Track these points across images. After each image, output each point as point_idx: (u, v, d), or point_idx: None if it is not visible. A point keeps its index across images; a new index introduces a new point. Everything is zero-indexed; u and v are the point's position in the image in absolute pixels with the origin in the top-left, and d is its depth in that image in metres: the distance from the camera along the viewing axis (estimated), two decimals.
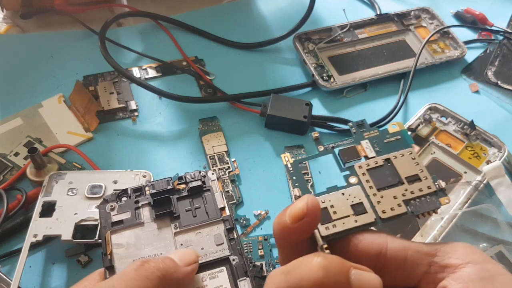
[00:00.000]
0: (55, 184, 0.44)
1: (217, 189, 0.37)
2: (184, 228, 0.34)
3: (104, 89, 0.56)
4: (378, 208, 0.27)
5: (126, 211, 0.35)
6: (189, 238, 0.34)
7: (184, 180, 0.36)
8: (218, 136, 0.53)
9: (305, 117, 0.52)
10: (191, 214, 0.35)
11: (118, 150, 0.52)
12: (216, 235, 0.34)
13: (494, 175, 0.48)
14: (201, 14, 0.67)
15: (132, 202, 0.35)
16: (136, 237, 0.33)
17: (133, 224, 0.34)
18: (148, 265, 0.28)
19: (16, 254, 0.42)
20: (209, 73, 0.60)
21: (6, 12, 0.65)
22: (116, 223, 0.34)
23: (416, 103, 0.57)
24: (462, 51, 0.62)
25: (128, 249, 0.33)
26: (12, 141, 0.51)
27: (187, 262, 0.30)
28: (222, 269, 0.32)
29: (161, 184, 0.36)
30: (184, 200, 0.36)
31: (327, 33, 0.63)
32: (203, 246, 0.33)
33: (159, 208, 0.35)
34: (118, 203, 0.35)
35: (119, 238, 0.33)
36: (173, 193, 0.36)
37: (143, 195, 0.35)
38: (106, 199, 0.35)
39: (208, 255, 0.33)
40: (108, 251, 0.32)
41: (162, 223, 0.34)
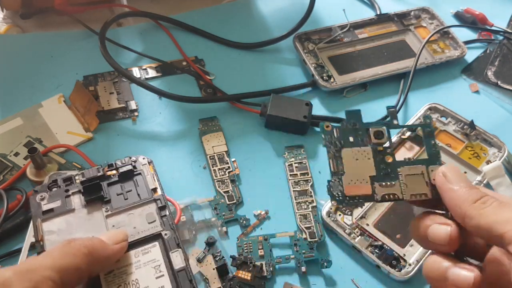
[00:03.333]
0: None
1: (149, 171, 0.39)
2: (115, 210, 0.36)
3: (104, 89, 0.56)
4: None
5: (56, 199, 0.37)
6: (121, 220, 0.36)
7: (115, 166, 0.39)
8: (218, 136, 0.53)
9: (305, 117, 0.52)
10: (123, 197, 0.37)
11: (118, 150, 0.52)
12: (148, 214, 0.36)
13: (494, 175, 0.48)
14: (201, 14, 0.67)
15: (62, 191, 0.37)
16: (67, 223, 0.35)
17: (63, 211, 0.36)
18: (74, 243, 0.30)
19: (16, 254, 0.42)
20: (209, 73, 0.60)
21: (6, 12, 0.65)
22: (47, 211, 0.36)
23: (416, 103, 0.57)
24: (462, 51, 0.62)
25: (59, 235, 0.35)
26: (12, 141, 0.51)
27: (116, 241, 0.33)
28: (155, 244, 0.35)
29: (91, 172, 0.38)
30: (115, 185, 0.38)
31: (327, 33, 0.63)
32: (135, 225, 0.35)
33: (89, 194, 0.37)
34: (49, 193, 0.37)
35: (50, 225, 0.35)
36: (104, 179, 0.38)
37: (72, 184, 0.37)
38: (36, 190, 0.37)
39: (140, 233, 0.35)
40: (39, 237, 0.34)
41: (93, 208, 0.36)
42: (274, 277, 0.43)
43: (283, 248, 0.45)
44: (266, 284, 0.42)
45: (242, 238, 0.45)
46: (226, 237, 0.46)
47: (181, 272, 0.34)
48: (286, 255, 0.44)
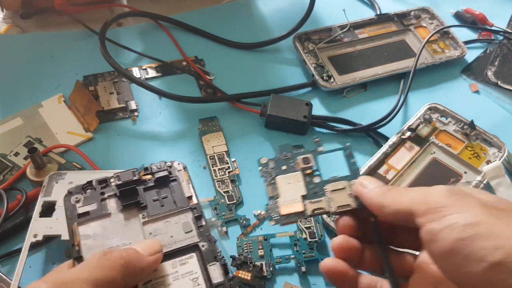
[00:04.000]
0: (55, 184, 0.44)
1: (184, 178, 0.37)
2: (152, 217, 0.35)
3: (104, 89, 0.56)
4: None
5: (91, 202, 0.35)
6: (157, 227, 0.34)
7: (150, 170, 0.37)
8: (218, 136, 0.53)
9: (305, 117, 0.52)
10: (159, 204, 0.36)
11: (118, 150, 0.52)
12: (184, 223, 0.35)
13: (494, 175, 0.48)
14: (201, 14, 0.67)
15: (98, 194, 0.35)
16: (103, 227, 0.34)
17: (99, 215, 0.34)
18: (110, 254, 0.29)
19: (16, 254, 0.42)
20: (209, 73, 0.60)
21: (6, 12, 0.65)
22: (82, 214, 0.34)
23: (416, 103, 0.57)
24: (462, 51, 0.62)
25: (95, 240, 0.33)
26: (12, 141, 0.51)
27: (151, 252, 0.31)
28: (192, 255, 0.33)
29: (126, 175, 0.36)
30: (150, 190, 0.36)
31: (327, 33, 0.63)
32: (172, 234, 0.34)
33: (125, 199, 0.35)
34: (84, 195, 0.35)
35: (86, 229, 0.34)
36: (139, 184, 0.36)
37: (108, 187, 0.36)
38: (71, 191, 0.35)
39: (177, 242, 0.34)
40: (75, 242, 0.33)
41: (129, 213, 0.35)
42: (274, 277, 0.43)
43: (283, 248, 0.45)
44: (266, 284, 0.42)
45: (242, 238, 0.45)
46: (226, 237, 0.46)
47: (220, 287, 0.32)
48: (286, 255, 0.44)
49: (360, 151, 0.53)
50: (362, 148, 0.53)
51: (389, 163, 0.50)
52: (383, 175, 0.49)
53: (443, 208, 0.28)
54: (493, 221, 0.26)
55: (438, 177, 0.49)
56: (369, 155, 0.51)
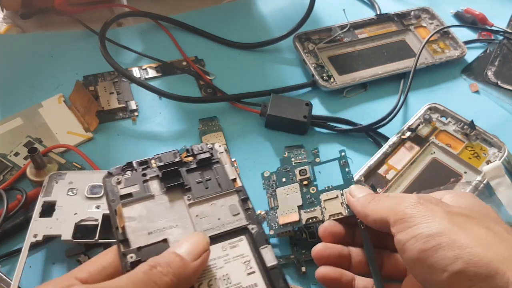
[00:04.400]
0: (55, 184, 0.44)
1: (227, 160, 0.36)
2: (198, 199, 0.33)
3: (104, 89, 0.56)
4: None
5: (133, 184, 0.33)
6: (204, 210, 0.33)
7: (192, 152, 0.36)
8: (218, 136, 0.53)
9: (305, 117, 0.52)
10: (203, 186, 0.34)
11: (118, 150, 0.52)
12: (231, 205, 0.33)
13: (494, 175, 0.48)
14: (201, 14, 0.67)
15: (139, 175, 0.34)
16: (147, 209, 0.32)
17: (143, 196, 0.33)
18: (156, 270, 0.27)
19: (16, 254, 0.42)
20: (209, 73, 0.60)
21: (6, 12, 0.65)
22: (125, 196, 0.33)
23: (416, 103, 0.57)
24: (462, 51, 0.62)
25: (140, 222, 0.32)
26: (12, 141, 0.51)
27: (196, 255, 0.29)
28: (242, 238, 0.32)
29: (167, 156, 0.35)
30: (193, 172, 0.35)
31: (327, 33, 0.63)
32: (220, 216, 0.33)
33: (169, 181, 0.34)
34: (124, 176, 0.34)
35: (130, 211, 0.32)
36: (181, 166, 0.35)
37: (149, 168, 0.34)
38: (111, 173, 0.34)
39: (225, 225, 0.32)
40: (120, 224, 0.31)
41: (173, 195, 0.33)
42: None
43: (283, 248, 0.45)
44: None
45: None
46: None
47: (274, 270, 0.31)
48: (286, 255, 0.44)
49: (360, 151, 0.53)
50: (362, 148, 0.53)
51: (389, 163, 0.50)
52: (383, 175, 0.49)
53: (410, 219, 0.29)
54: (455, 231, 0.28)
55: (438, 177, 0.49)
56: (369, 155, 0.51)
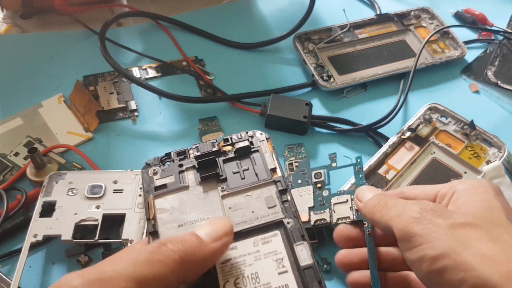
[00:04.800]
0: (55, 184, 0.44)
1: (267, 149, 0.34)
2: (232, 190, 0.32)
3: (104, 89, 0.56)
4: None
5: (169, 175, 0.33)
6: (237, 201, 0.32)
7: (230, 141, 0.34)
8: (218, 136, 0.53)
9: (305, 117, 0.52)
10: (239, 176, 0.33)
11: (118, 150, 0.52)
12: (267, 197, 0.32)
13: (494, 175, 0.48)
14: (201, 14, 0.67)
15: (176, 166, 0.33)
16: (180, 201, 0.32)
17: (177, 188, 0.32)
18: (165, 247, 0.25)
19: (16, 254, 0.42)
20: (209, 73, 0.60)
21: (6, 12, 0.65)
22: (159, 187, 0.33)
23: (416, 103, 0.57)
24: (462, 51, 0.62)
25: (172, 214, 0.31)
26: (12, 141, 0.51)
27: (216, 237, 0.27)
28: (276, 233, 0.30)
29: (205, 146, 0.34)
30: (231, 162, 0.34)
31: (327, 33, 0.63)
32: (253, 209, 0.31)
33: (204, 171, 0.33)
34: (161, 167, 0.33)
35: (162, 203, 0.32)
36: (219, 155, 0.34)
37: (187, 159, 0.34)
38: (149, 163, 0.34)
39: (259, 218, 0.31)
40: (151, 215, 0.31)
41: (208, 186, 0.32)
42: None
43: None
44: None
45: None
46: None
47: (308, 270, 0.28)
48: None
49: (360, 151, 0.53)
50: (362, 148, 0.53)
51: (389, 163, 0.50)
52: (383, 175, 0.49)
53: (413, 238, 0.29)
54: (459, 250, 0.27)
55: (438, 177, 0.49)
56: (369, 155, 0.51)
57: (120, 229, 0.42)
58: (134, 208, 0.43)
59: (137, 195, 0.44)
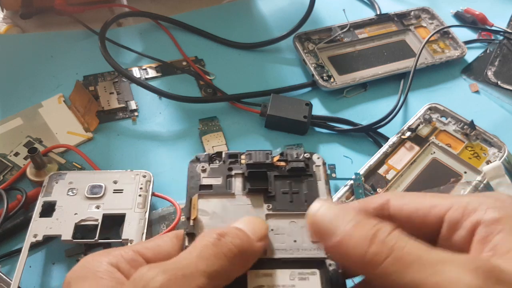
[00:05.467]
0: (55, 184, 0.44)
1: (322, 176, 0.32)
2: (278, 212, 0.30)
3: (104, 89, 0.56)
4: None
5: (217, 176, 0.31)
6: (281, 225, 0.29)
7: (285, 157, 0.32)
8: (218, 136, 0.53)
9: (305, 117, 0.52)
10: (288, 198, 0.30)
11: (118, 150, 0.52)
12: None
13: (494, 175, 0.48)
14: (201, 14, 0.67)
15: (226, 169, 0.31)
16: (223, 207, 0.30)
17: (223, 192, 0.30)
18: (225, 240, 0.24)
19: (16, 254, 0.42)
20: (209, 73, 0.60)
21: (6, 12, 0.65)
22: (205, 187, 0.30)
23: (416, 103, 0.57)
24: (462, 51, 0.62)
25: (212, 219, 0.29)
26: (12, 141, 0.51)
27: (260, 236, 0.26)
28: (315, 271, 0.27)
29: (259, 155, 0.32)
30: (282, 180, 0.31)
31: (327, 33, 0.63)
32: (296, 238, 0.29)
33: (253, 182, 0.31)
34: (210, 166, 0.32)
35: (205, 205, 0.30)
36: (271, 169, 0.31)
37: (237, 163, 0.32)
38: (199, 158, 0.32)
39: (300, 250, 0.28)
40: (193, 216, 0.29)
41: (254, 199, 0.30)
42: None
43: None
44: None
45: None
46: None
47: None
48: None
49: (360, 151, 0.53)
50: (362, 148, 0.53)
51: (389, 163, 0.50)
52: (383, 175, 0.49)
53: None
54: None
55: (438, 177, 0.49)
56: (369, 155, 0.51)
57: (120, 229, 0.42)
58: (134, 208, 0.43)
59: (137, 195, 0.44)
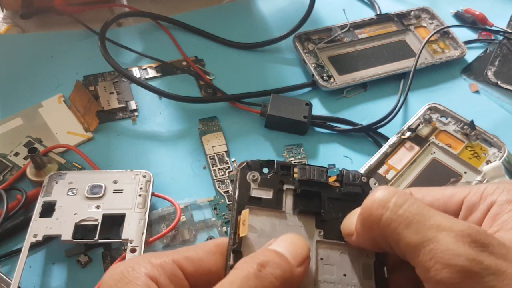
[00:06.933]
0: (55, 184, 0.44)
1: None
2: (329, 240, 0.27)
3: (104, 89, 0.56)
4: None
5: (268, 189, 0.28)
6: (332, 255, 0.26)
7: (342, 177, 0.29)
8: (218, 136, 0.53)
9: (305, 117, 0.52)
10: (340, 225, 0.27)
11: (118, 150, 0.52)
12: (365, 264, 0.26)
13: (494, 175, 0.48)
14: (201, 14, 0.67)
15: (277, 182, 0.28)
16: (272, 225, 0.26)
17: (272, 208, 0.27)
18: (265, 271, 0.22)
19: (16, 254, 0.42)
20: (209, 73, 0.60)
21: (6, 12, 0.65)
22: (255, 199, 0.27)
23: (416, 103, 0.57)
24: (462, 51, 0.62)
25: (260, 237, 0.26)
26: (12, 141, 0.51)
27: (300, 260, 0.24)
28: None
29: (313, 172, 0.28)
30: (335, 202, 0.28)
31: (327, 33, 0.63)
32: (346, 272, 0.26)
33: (305, 202, 0.27)
34: (262, 175, 0.28)
35: (254, 220, 0.27)
36: (325, 189, 0.28)
37: (289, 176, 0.28)
38: (250, 165, 0.28)
39: (349, 286, 0.26)
40: (242, 233, 0.26)
41: (305, 221, 0.27)
42: None
43: None
44: None
45: None
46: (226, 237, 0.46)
47: None
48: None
49: (360, 151, 0.53)
50: (362, 148, 0.53)
51: (389, 163, 0.50)
52: (383, 175, 0.49)
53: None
54: None
55: (438, 177, 0.49)
56: (369, 155, 0.51)
57: (120, 229, 0.42)
58: (134, 208, 0.43)
59: (137, 195, 0.44)
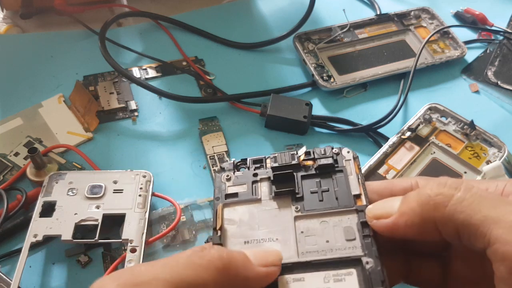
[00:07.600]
0: (55, 184, 0.44)
1: (353, 171, 0.30)
2: (307, 213, 0.28)
3: (104, 89, 0.56)
4: None
5: (242, 183, 0.30)
6: (311, 226, 0.28)
7: (312, 156, 0.31)
8: (218, 136, 0.53)
9: (305, 117, 0.52)
10: (317, 198, 0.29)
11: (118, 150, 0.52)
12: (346, 227, 0.27)
13: (494, 175, 0.48)
14: (201, 14, 0.67)
15: (251, 174, 0.31)
16: (250, 214, 0.29)
17: (249, 199, 0.29)
18: (207, 251, 0.23)
19: (16, 254, 0.42)
20: (209, 73, 0.60)
21: (6, 12, 0.65)
22: (230, 195, 0.30)
23: (416, 103, 0.57)
24: (462, 51, 0.62)
25: (240, 227, 0.28)
26: (12, 141, 0.51)
27: (263, 262, 0.25)
28: (351, 271, 0.26)
29: (284, 157, 0.31)
30: (310, 179, 0.30)
31: (327, 33, 0.63)
32: (329, 238, 0.27)
33: (279, 185, 0.30)
34: (235, 174, 0.31)
35: (231, 213, 0.29)
36: (298, 170, 0.30)
37: (263, 168, 0.31)
38: (223, 168, 0.31)
39: (333, 250, 0.27)
40: (218, 225, 0.28)
41: (281, 202, 0.29)
42: None
43: None
44: None
45: None
46: None
47: None
48: None
49: (360, 151, 0.53)
50: (362, 148, 0.53)
51: (389, 163, 0.50)
52: (383, 175, 0.49)
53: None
54: None
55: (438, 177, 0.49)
56: (369, 155, 0.51)
57: (120, 229, 0.42)
58: (134, 208, 0.43)
59: (137, 195, 0.44)
